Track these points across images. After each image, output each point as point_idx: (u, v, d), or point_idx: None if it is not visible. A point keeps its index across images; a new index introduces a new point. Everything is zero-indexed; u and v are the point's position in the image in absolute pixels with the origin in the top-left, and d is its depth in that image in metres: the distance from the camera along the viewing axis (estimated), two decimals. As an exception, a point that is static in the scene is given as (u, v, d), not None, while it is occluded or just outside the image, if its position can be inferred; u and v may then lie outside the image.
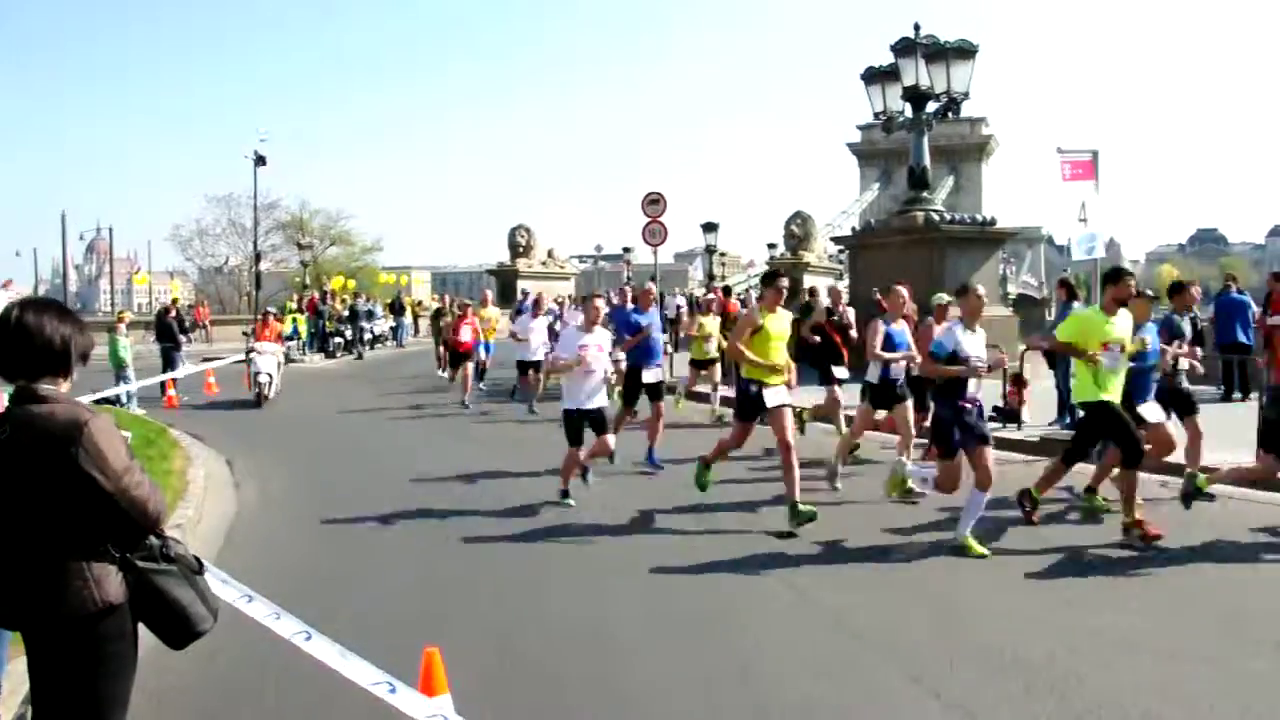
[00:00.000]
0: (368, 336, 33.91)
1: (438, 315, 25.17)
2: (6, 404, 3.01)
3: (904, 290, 10.44)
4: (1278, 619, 5.92)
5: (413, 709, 3.62)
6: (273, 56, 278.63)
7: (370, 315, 35.12)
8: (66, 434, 2.85)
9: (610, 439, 9.50)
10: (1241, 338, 15.98)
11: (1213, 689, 4.87)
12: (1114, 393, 7.86)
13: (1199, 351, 9.65)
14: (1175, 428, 9.14)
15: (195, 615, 3.14)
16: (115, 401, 16.90)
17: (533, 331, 16.90)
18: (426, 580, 7.02)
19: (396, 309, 38.99)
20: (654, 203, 22.90)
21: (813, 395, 12.63)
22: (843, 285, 37.92)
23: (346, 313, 33.51)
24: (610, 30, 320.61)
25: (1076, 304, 13.02)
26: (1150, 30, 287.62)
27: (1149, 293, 9.62)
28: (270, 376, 18.39)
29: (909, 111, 20.00)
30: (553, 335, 17.61)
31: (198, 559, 3.28)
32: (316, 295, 37.03)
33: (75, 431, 2.85)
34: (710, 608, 6.31)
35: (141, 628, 3.12)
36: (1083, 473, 9.10)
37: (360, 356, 31.41)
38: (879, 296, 16.61)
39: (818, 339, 12.48)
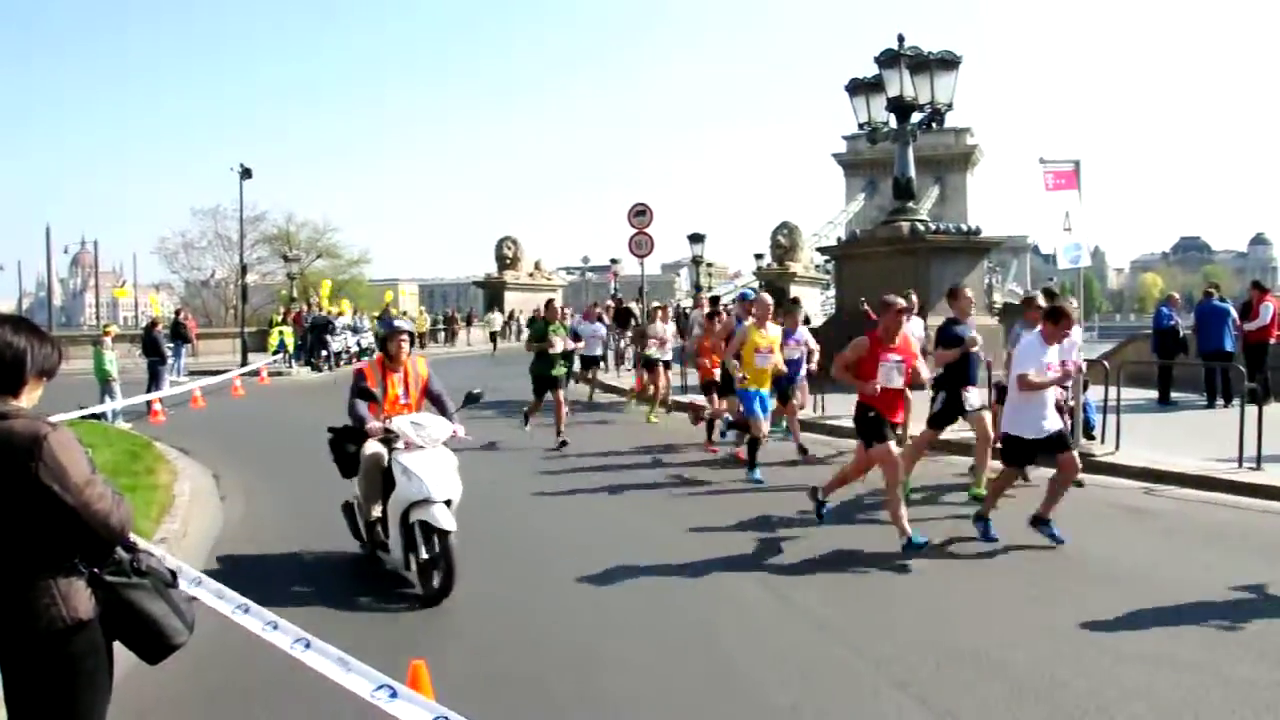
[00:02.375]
0: (354, 349, 33.71)
1: (544, 332, 14.17)
2: None
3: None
4: (1252, 624, 5.96)
5: (411, 714, 3.60)
6: (260, 70, 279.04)
7: (356, 329, 34.94)
8: (25, 448, 2.80)
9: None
10: (1225, 345, 16.07)
11: (1197, 695, 4.89)
12: None
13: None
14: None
15: (169, 629, 3.10)
16: (101, 417, 16.84)
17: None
18: (411, 593, 6.99)
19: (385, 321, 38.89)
20: (640, 214, 22.96)
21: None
22: (828, 295, 38.12)
23: (307, 323, 32.19)
24: (595, 45, 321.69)
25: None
26: (1134, 40, 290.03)
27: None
28: (450, 505, 6.89)
29: (894, 122, 20.14)
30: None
31: (172, 571, 3.24)
32: (304, 308, 36.92)
33: (34, 446, 2.80)
34: (695, 615, 6.32)
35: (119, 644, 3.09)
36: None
37: (332, 369, 30.53)
38: (865, 306, 16.76)
39: None
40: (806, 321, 15.44)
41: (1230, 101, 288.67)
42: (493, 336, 41.98)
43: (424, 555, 6.63)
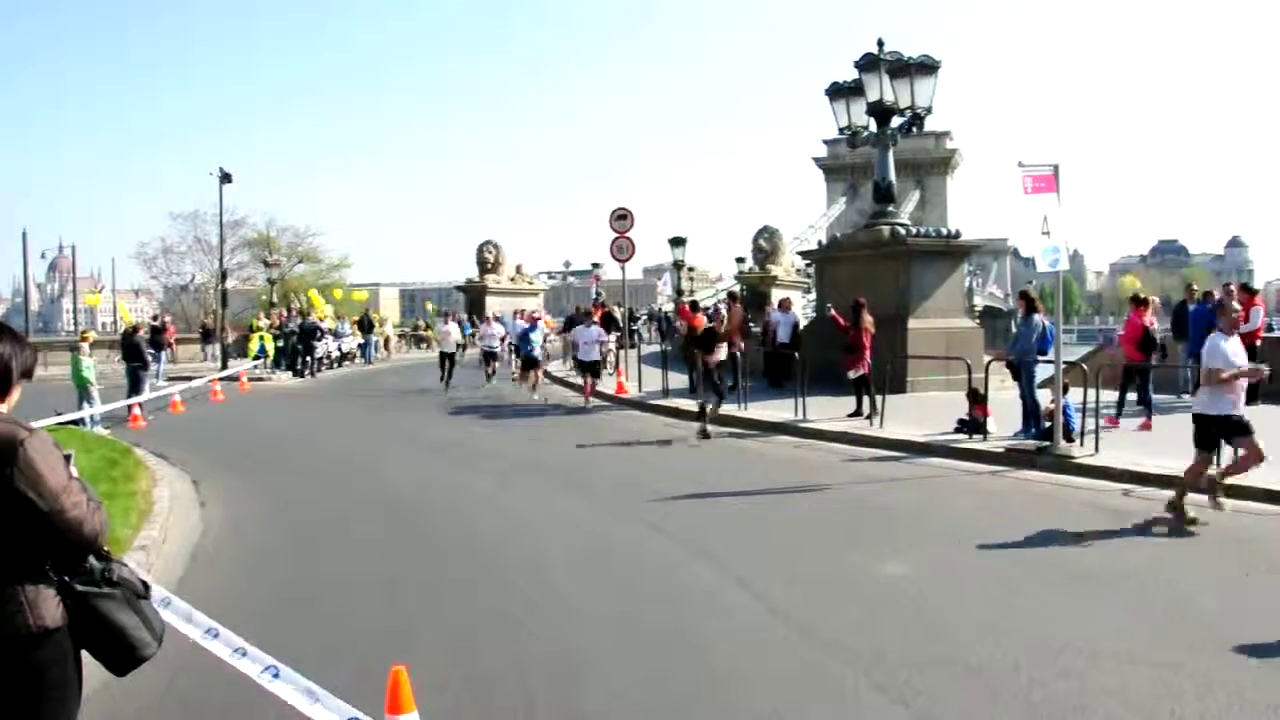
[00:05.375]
0: (335, 354, 33.60)
1: None
2: None
3: None
4: (1232, 622, 6.01)
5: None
6: (242, 76, 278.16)
7: (336, 334, 34.82)
8: (1, 453, 2.77)
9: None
10: None
11: (1173, 694, 4.93)
12: None
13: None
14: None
15: (138, 640, 3.04)
16: (79, 423, 16.71)
17: None
18: (392, 599, 6.98)
19: (365, 326, 38.76)
20: (621, 218, 22.94)
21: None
22: (809, 299, 38.23)
23: (295, 330, 31.64)
24: (576, 50, 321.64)
25: (1037, 315, 13.18)
26: (1112, 45, 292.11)
27: None
28: None
29: (874, 126, 20.19)
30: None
31: (144, 583, 3.20)
32: (284, 313, 36.73)
33: (10, 451, 2.77)
34: (676, 620, 6.31)
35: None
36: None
37: (314, 375, 30.42)
38: (833, 312, 16.84)
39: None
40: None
41: (1208, 106, 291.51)
42: (444, 360, 24.54)
43: None
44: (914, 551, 7.98)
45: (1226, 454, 9.28)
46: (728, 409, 16.57)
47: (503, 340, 26.46)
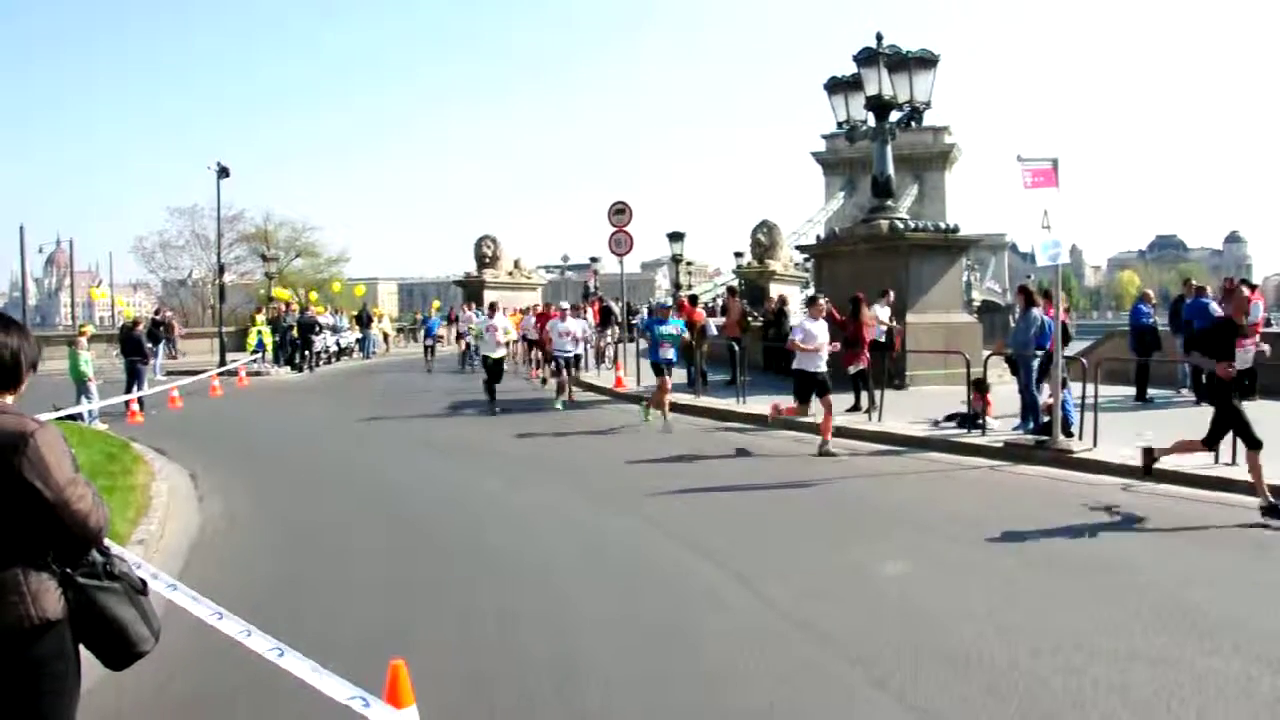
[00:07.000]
0: (333, 348, 33.59)
1: None
2: None
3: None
4: (1230, 618, 6.01)
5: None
6: (239, 70, 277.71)
7: (335, 329, 34.78)
8: (11, 444, 2.80)
9: None
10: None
11: (1170, 690, 4.93)
12: None
13: None
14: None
15: (136, 635, 3.06)
16: (77, 418, 16.68)
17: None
18: (392, 594, 6.98)
19: (363, 321, 38.71)
20: (619, 212, 22.87)
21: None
22: (807, 294, 38.17)
23: (292, 324, 31.71)
24: (574, 45, 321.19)
25: (1035, 310, 13.18)
26: (1111, 39, 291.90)
27: None
28: None
29: (872, 121, 20.16)
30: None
31: (142, 580, 3.21)
32: (282, 307, 36.73)
33: (21, 442, 2.80)
34: (676, 617, 6.31)
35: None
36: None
37: (312, 370, 30.45)
38: (826, 304, 16.84)
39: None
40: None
41: (1206, 101, 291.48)
42: (488, 369, 18.52)
43: None
44: (912, 546, 7.98)
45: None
46: (725, 403, 16.50)
47: (577, 341, 19.63)
